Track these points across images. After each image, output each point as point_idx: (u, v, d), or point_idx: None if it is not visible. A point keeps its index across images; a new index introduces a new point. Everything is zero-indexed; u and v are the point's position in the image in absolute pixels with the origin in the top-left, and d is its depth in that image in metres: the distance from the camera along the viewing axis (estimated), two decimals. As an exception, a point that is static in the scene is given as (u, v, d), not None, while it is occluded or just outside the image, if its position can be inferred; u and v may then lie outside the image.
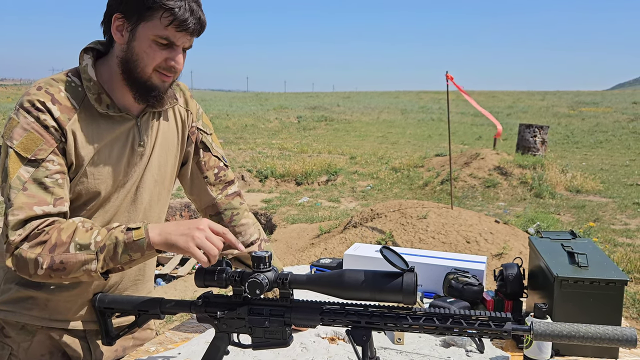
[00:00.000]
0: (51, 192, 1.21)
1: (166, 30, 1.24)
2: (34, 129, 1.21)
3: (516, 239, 6.10)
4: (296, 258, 6.19)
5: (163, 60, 1.27)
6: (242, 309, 1.22)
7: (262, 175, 11.94)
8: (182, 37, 1.26)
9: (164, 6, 1.21)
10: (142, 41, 1.25)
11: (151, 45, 1.25)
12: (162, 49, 1.26)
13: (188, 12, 1.23)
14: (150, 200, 1.45)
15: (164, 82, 1.31)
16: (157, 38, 1.25)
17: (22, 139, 1.20)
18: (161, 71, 1.29)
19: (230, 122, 25.22)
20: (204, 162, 1.57)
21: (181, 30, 1.24)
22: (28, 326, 1.38)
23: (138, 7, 1.23)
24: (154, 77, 1.29)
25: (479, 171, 10.99)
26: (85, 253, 1.18)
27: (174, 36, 1.25)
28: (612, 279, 1.49)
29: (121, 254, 1.19)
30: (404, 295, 1.09)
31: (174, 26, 1.23)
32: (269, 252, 1.19)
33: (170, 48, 1.27)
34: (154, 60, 1.26)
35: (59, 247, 1.18)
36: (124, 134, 1.35)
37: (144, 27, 1.24)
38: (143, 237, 1.19)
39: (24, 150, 1.20)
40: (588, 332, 1.06)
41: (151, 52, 1.26)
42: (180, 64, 1.29)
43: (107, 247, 1.19)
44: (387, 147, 18.01)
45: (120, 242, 1.19)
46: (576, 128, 24.09)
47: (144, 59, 1.26)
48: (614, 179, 12.23)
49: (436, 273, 2.01)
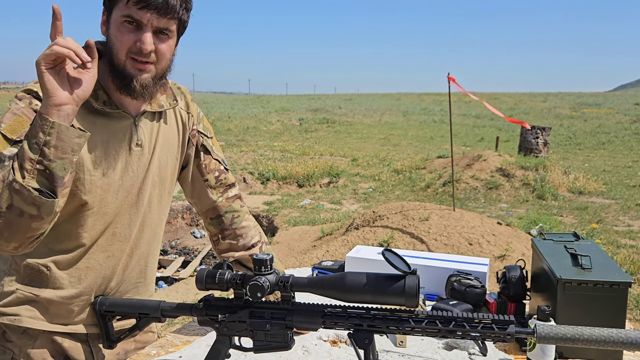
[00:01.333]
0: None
1: (128, 8, 1.23)
2: (23, 113, 1.21)
3: (519, 241, 6.09)
4: (298, 260, 6.19)
5: (133, 43, 1.25)
6: (243, 312, 1.21)
7: (264, 178, 11.95)
8: (146, 14, 1.23)
9: None
10: (113, 26, 1.26)
11: (119, 28, 1.25)
12: (130, 31, 1.25)
13: None
14: (150, 201, 1.44)
15: (140, 71, 1.28)
16: (122, 19, 1.24)
17: (10, 122, 1.20)
18: (134, 56, 1.27)
19: (232, 125, 25.26)
20: (204, 165, 1.56)
21: (142, 6, 1.22)
22: (30, 330, 1.37)
23: None
24: (128, 64, 1.27)
25: (481, 173, 10.98)
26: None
27: (137, 14, 1.23)
28: (616, 281, 1.48)
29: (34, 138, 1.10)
30: (406, 298, 1.08)
31: (133, 3, 1.22)
32: (270, 255, 1.18)
33: (140, 30, 1.25)
34: (123, 43, 1.25)
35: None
36: (120, 132, 1.35)
37: (114, 12, 1.25)
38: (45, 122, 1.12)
39: (10, 132, 1.19)
40: (592, 335, 1.05)
41: (120, 35, 1.25)
42: (146, 44, 1.25)
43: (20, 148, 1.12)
44: (389, 149, 18.02)
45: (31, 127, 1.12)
46: (578, 129, 24.07)
47: (116, 43, 1.26)
48: (617, 180, 12.21)
49: (438, 275, 2.01)
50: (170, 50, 1.32)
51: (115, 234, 1.39)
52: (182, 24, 1.33)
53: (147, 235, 1.47)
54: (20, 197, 1.10)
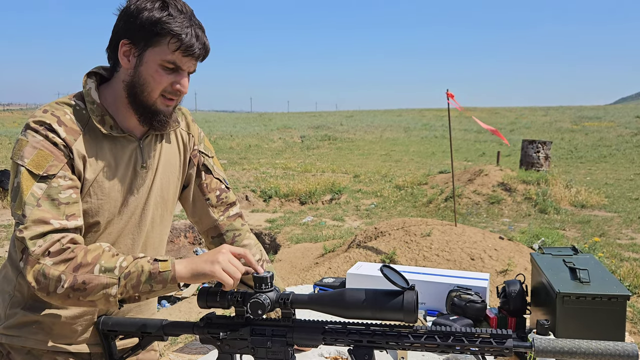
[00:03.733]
0: (64, 209, 1.23)
1: (173, 55, 1.28)
2: (44, 147, 1.24)
3: (521, 255, 6.07)
4: (300, 278, 6.18)
5: (169, 85, 1.31)
6: (244, 330, 1.22)
7: (266, 195, 11.96)
8: (188, 61, 1.31)
9: (171, 32, 1.26)
10: (149, 66, 1.29)
11: (158, 70, 1.29)
12: (168, 73, 1.30)
13: (194, 38, 1.28)
14: (152, 221, 1.46)
15: (167, 107, 1.35)
16: (164, 63, 1.29)
17: (33, 156, 1.23)
18: (166, 95, 1.33)
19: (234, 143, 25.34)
20: (205, 184, 1.59)
21: (187, 55, 1.29)
22: (34, 351, 1.39)
23: (146, 34, 1.27)
24: (159, 101, 1.33)
25: (482, 187, 10.98)
26: (109, 276, 1.19)
27: (180, 61, 1.29)
28: (614, 294, 1.49)
29: (144, 283, 1.21)
30: (404, 314, 1.09)
31: (181, 51, 1.28)
32: (271, 273, 1.20)
33: (176, 72, 1.31)
34: (160, 85, 1.30)
35: (83, 267, 1.19)
36: (126, 155, 1.38)
37: (151, 53, 1.28)
38: (169, 270, 1.22)
39: (35, 167, 1.22)
40: (589, 348, 1.06)
41: (158, 77, 1.30)
42: (185, 87, 1.33)
43: (131, 274, 1.20)
44: (391, 165, 18.04)
45: (146, 271, 1.21)
46: (580, 143, 24.09)
47: (151, 83, 1.30)
48: (619, 193, 12.20)
49: (439, 291, 2.02)
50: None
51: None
52: None
53: (150, 254, 1.48)
54: (105, 302, 1.22)
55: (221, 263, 1.21)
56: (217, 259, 1.21)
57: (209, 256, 1.23)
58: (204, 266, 1.21)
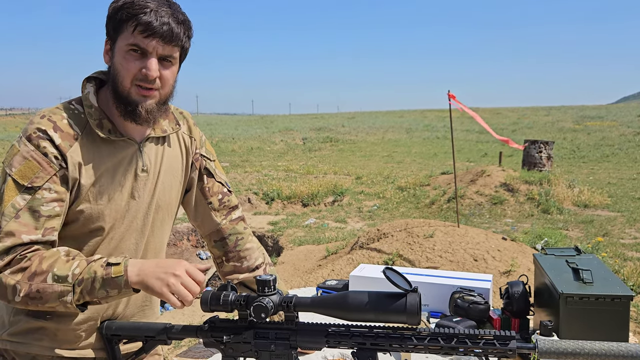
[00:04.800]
0: (43, 222, 1.24)
1: (134, 37, 1.27)
2: (33, 157, 1.24)
3: (524, 256, 6.06)
4: (303, 280, 6.18)
5: (138, 70, 1.29)
6: (248, 333, 1.23)
7: (269, 198, 11.96)
8: (151, 42, 1.28)
9: (129, 14, 1.26)
10: (119, 54, 1.30)
11: (125, 56, 1.29)
12: (135, 58, 1.29)
13: (154, 17, 1.26)
14: (153, 225, 1.46)
15: (144, 97, 1.32)
16: (128, 47, 1.28)
17: (21, 166, 1.23)
18: (140, 84, 1.31)
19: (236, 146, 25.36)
20: (207, 188, 1.59)
21: (147, 35, 1.27)
22: (39, 357, 1.39)
23: (114, 24, 1.29)
24: (133, 91, 1.31)
25: (485, 188, 10.97)
26: (62, 285, 1.19)
27: (142, 42, 1.27)
28: (618, 295, 1.49)
29: (98, 289, 1.20)
30: (407, 316, 1.09)
31: (139, 31, 1.26)
32: (274, 276, 1.20)
33: (145, 57, 1.29)
34: (129, 71, 1.29)
35: (37, 276, 1.19)
36: (126, 159, 1.38)
37: (119, 41, 1.29)
38: (121, 275, 1.20)
39: (21, 178, 1.23)
40: (593, 349, 1.06)
41: (125, 63, 1.29)
42: (152, 70, 1.29)
43: (85, 281, 1.20)
44: (393, 167, 18.03)
45: (99, 277, 1.20)
46: (582, 142, 24.05)
47: (121, 71, 1.30)
48: (622, 192, 12.17)
49: (442, 292, 2.01)
50: (173, 76, 1.36)
51: None
52: (184, 51, 1.38)
53: (150, 258, 1.48)
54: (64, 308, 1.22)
55: (171, 287, 1.20)
56: (167, 282, 1.20)
57: (162, 272, 1.21)
58: (154, 283, 1.20)
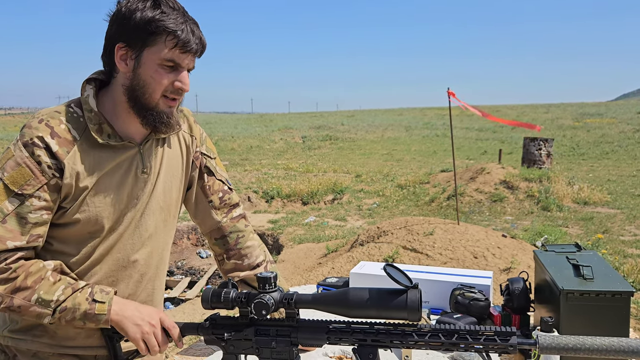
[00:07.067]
0: (29, 229, 1.25)
1: (171, 53, 1.27)
2: (26, 164, 1.24)
3: (524, 253, 6.07)
4: (304, 278, 6.18)
5: (170, 84, 1.30)
6: (248, 330, 1.23)
7: (268, 196, 11.97)
8: (187, 58, 1.30)
9: (167, 29, 1.25)
10: (148, 67, 1.28)
11: (157, 69, 1.28)
12: (168, 72, 1.30)
13: (190, 34, 1.28)
14: (155, 226, 1.46)
15: (170, 107, 1.34)
16: (163, 62, 1.28)
17: (13, 172, 1.23)
18: (168, 95, 1.32)
19: (236, 144, 25.37)
20: (208, 187, 1.58)
21: (185, 51, 1.28)
22: (40, 353, 1.39)
23: (141, 34, 1.26)
24: (161, 102, 1.32)
25: (485, 186, 10.98)
26: (43, 308, 1.24)
27: (179, 58, 1.29)
28: (618, 291, 1.49)
29: (77, 319, 1.27)
30: (408, 312, 1.09)
31: (178, 48, 1.27)
32: (275, 273, 1.20)
33: (176, 70, 1.31)
34: (161, 85, 1.29)
35: (21, 291, 1.23)
36: (126, 162, 1.37)
37: (148, 53, 1.28)
38: (104, 314, 1.28)
39: (12, 183, 1.23)
40: (594, 344, 1.06)
41: (158, 77, 1.29)
42: (186, 84, 1.32)
43: (67, 310, 1.26)
44: (392, 165, 18.04)
45: (82, 310, 1.26)
46: (581, 140, 24.07)
47: (152, 84, 1.29)
48: (622, 189, 12.18)
49: (442, 289, 2.02)
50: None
51: (118, 259, 1.40)
52: None
53: (155, 259, 1.48)
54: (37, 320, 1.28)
55: (144, 335, 1.29)
56: (142, 330, 1.28)
57: (140, 319, 1.29)
58: (130, 327, 1.29)
